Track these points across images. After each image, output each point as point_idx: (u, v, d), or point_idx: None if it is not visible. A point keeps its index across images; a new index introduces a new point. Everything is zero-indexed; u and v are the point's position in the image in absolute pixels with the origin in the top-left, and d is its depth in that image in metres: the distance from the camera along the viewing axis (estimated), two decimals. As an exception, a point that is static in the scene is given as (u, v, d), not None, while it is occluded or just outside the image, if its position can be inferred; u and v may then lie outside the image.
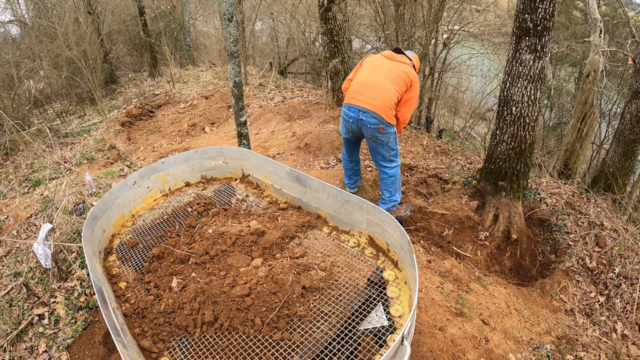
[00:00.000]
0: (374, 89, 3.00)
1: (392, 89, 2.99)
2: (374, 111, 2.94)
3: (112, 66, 9.80)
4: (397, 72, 3.04)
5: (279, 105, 6.82)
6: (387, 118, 2.98)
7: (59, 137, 6.87)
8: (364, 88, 3.04)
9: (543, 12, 2.97)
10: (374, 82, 3.03)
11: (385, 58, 3.15)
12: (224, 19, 3.46)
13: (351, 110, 3.05)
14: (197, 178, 3.24)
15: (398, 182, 3.35)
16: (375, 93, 2.98)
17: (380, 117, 2.95)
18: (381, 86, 3.00)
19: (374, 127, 2.99)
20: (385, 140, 3.09)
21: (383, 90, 2.99)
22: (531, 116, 3.33)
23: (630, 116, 4.86)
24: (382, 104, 2.96)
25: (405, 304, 1.94)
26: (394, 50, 3.23)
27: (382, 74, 3.05)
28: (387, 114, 2.98)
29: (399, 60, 3.11)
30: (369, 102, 2.97)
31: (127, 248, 2.54)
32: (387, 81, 3.01)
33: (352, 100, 3.06)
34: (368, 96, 2.99)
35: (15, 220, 3.67)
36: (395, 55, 3.16)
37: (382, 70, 3.06)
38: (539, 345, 2.55)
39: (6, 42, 9.03)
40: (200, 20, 13.72)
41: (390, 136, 3.08)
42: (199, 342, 1.87)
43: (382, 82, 3.02)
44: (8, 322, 2.60)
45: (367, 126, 3.00)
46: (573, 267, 3.17)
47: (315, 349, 1.79)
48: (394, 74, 3.04)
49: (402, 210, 3.54)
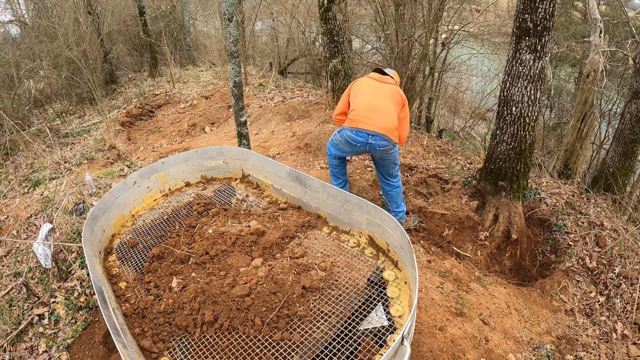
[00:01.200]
0: (379, 112, 3.06)
1: (394, 111, 3.08)
2: (384, 134, 3.00)
3: (112, 66, 9.80)
4: (393, 94, 3.14)
5: (279, 105, 6.82)
6: (394, 138, 3.06)
7: (59, 137, 6.87)
8: (371, 112, 3.07)
9: (543, 12, 2.97)
10: (378, 105, 3.09)
11: (376, 81, 3.23)
12: (224, 19, 3.46)
13: (359, 135, 3.05)
14: (197, 178, 3.24)
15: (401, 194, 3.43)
16: (383, 116, 3.05)
17: (389, 138, 3.02)
18: (386, 109, 3.07)
19: (383, 149, 3.06)
20: (393, 158, 3.18)
21: (389, 113, 3.06)
22: (531, 116, 3.33)
23: (630, 116, 4.86)
24: (389, 126, 3.02)
25: (405, 304, 1.94)
26: (376, 71, 3.33)
27: (383, 96, 3.13)
28: (394, 135, 3.05)
29: (388, 82, 3.21)
30: (377, 126, 3.01)
31: (127, 248, 2.54)
32: (389, 103, 3.09)
33: (360, 124, 3.05)
34: (376, 119, 3.02)
35: (15, 220, 3.67)
36: (382, 77, 3.26)
37: (382, 93, 3.14)
38: (539, 345, 2.55)
39: (6, 42, 9.03)
40: (200, 20, 13.72)
41: (396, 154, 3.18)
42: (199, 342, 1.87)
43: (386, 105, 3.09)
44: (8, 322, 2.60)
45: (377, 149, 3.05)
46: (573, 267, 3.17)
47: (315, 349, 1.79)
48: (391, 95, 3.13)
49: (410, 222, 3.59)
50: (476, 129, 8.74)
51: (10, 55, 7.54)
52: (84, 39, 7.78)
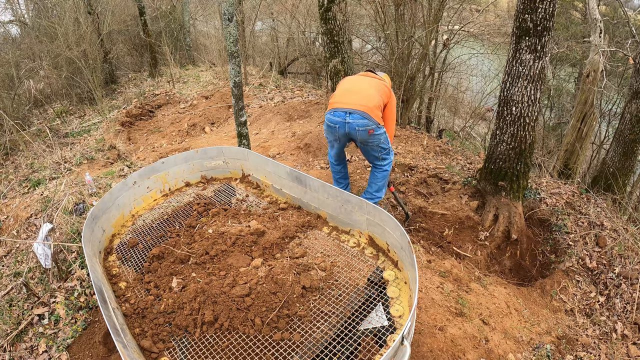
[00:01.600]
0: (358, 93, 3.00)
1: (376, 95, 3.01)
2: (363, 111, 2.87)
3: (112, 66, 9.80)
4: (377, 84, 3.11)
5: (279, 105, 6.82)
6: (375, 117, 2.90)
7: (59, 137, 6.87)
8: (348, 93, 3.03)
9: (543, 12, 2.98)
10: (357, 88, 3.05)
11: (362, 75, 3.24)
12: (224, 19, 3.46)
13: (336, 114, 2.95)
14: (197, 178, 3.24)
15: (387, 179, 3.30)
16: (361, 95, 2.98)
17: (368, 116, 2.88)
18: (366, 90, 3.03)
19: (363, 130, 2.89)
20: (376, 142, 3.01)
21: (368, 93, 3.00)
22: (531, 116, 3.33)
23: (630, 116, 4.86)
24: (369, 104, 2.92)
25: (405, 304, 1.94)
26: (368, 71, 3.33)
27: (364, 83, 3.11)
28: (376, 113, 2.91)
29: (375, 77, 3.20)
30: (355, 103, 2.91)
31: (127, 248, 2.54)
32: (371, 88, 3.05)
33: (337, 104, 2.99)
34: (354, 98, 2.95)
35: (15, 220, 3.67)
36: (372, 74, 3.26)
37: (364, 81, 3.14)
38: (539, 345, 2.55)
39: (6, 42, 9.03)
40: (200, 20, 13.72)
41: (380, 137, 3.00)
42: (199, 342, 1.87)
43: (366, 88, 3.05)
44: (8, 322, 2.60)
45: (356, 129, 2.90)
46: (573, 267, 3.17)
47: (315, 349, 1.79)
48: (375, 84, 3.11)
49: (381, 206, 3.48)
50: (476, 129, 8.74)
51: (10, 55, 7.54)
52: (84, 39, 7.78)
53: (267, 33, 11.80)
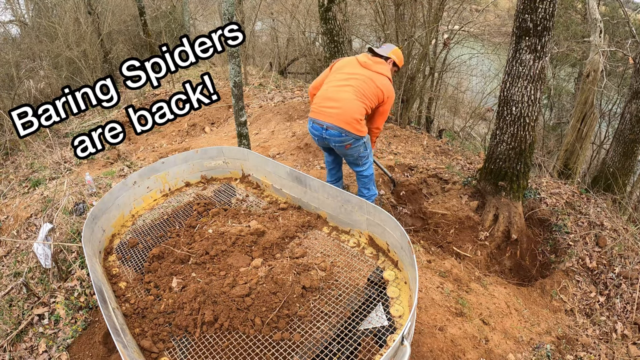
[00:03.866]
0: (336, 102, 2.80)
1: (358, 105, 2.79)
2: (339, 127, 2.77)
3: (112, 66, 9.80)
4: (368, 87, 2.80)
5: (279, 105, 6.82)
6: (354, 131, 2.79)
7: (59, 137, 6.87)
8: (326, 101, 2.85)
9: (543, 12, 2.98)
10: (336, 96, 2.82)
11: (359, 65, 2.89)
12: (224, 19, 3.46)
13: (314, 127, 2.90)
14: (197, 178, 3.24)
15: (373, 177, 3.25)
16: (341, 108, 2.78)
17: (346, 132, 2.78)
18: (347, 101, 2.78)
19: (340, 145, 2.86)
20: (355, 153, 2.95)
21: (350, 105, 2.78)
22: (531, 116, 3.33)
23: (630, 116, 4.86)
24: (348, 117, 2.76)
25: (405, 304, 1.94)
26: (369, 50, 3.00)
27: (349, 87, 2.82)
28: (354, 127, 2.78)
29: (374, 70, 2.85)
30: (332, 117, 2.79)
31: (127, 248, 2.54)
32: (352, 95, 2.78)
33: (315, 114, 2.89)
34: (331, 111, 2.81)
35: (15, 220, 3.67)
36: (370, 62, 2.88)
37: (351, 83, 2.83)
38: (539, 345, 2.55)
39: (6, 42, 9.03)
40: (200, 20, 13.71)
41: (359, 148, 2.92)
42: (199, 342, 1.87)
43: (347, 96, 2.79)
44: (8, 322, 2.60)
45: (333, 144, 2.88)
46: (573, 267, 3.17)
47: (315, 349, 1.79)
48: (365, 88, 2.80)
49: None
50: (476, 129, 8.74)
51: (10, 55, 7.54)
52: (84, 39, 7.78)
53: (267, 33, 11.80)
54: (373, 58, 2.94)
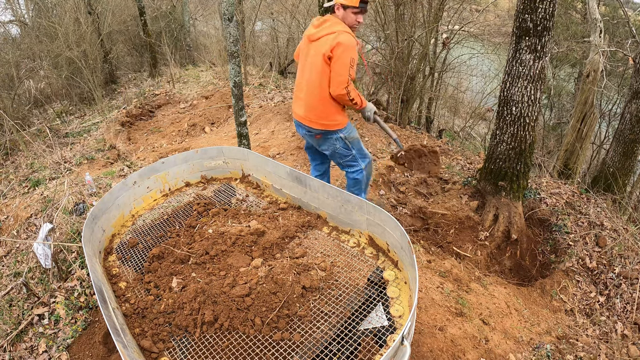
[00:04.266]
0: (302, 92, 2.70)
1: (319, 83, 2.56)
2: (304, 124, 2.75)
3: (112, 66, 9.80)
4: (318, 58, 2.53)
5: (279, 105, 6.82)
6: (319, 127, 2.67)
7: (59, 137, 6.87)
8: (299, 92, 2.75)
9: (543, 12, 2.98)
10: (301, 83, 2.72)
11: (307, 42, 2.64)
12: (224, 19, 3.46)
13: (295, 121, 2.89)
14: (197, 178, 3.24)
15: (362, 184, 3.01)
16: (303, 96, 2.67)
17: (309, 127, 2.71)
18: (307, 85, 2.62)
19: (310, 135, 2.81)
20: (331, 147, 2.79)
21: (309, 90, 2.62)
22: (531, 116, 3.33)
23: (630, 116, 4.86)
24: (308, 111, 2.66)
25: (405, 304, 1.94)
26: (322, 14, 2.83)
27: (305, 71, 2.65)
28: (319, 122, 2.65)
29: (318, 37, 2.54)
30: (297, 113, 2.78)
31: (127, 248, 2.54)
32: (311, 82, 2.60)
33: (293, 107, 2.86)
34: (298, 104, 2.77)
35: (15, 220, 3.67)
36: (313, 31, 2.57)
37: (308, 63, 2.63)
38: (539, 345, 2.55)
39: (6, 42, 9.03)
40: (200, 20, 13.72)
41: (335, 142, 2.74)
42: (199, 342, 1.87)
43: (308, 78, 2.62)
44: (8, 322, 2.60)
45: (304, 135, 2.85)
46: (573, 267, 3.17)
47: (315, 349, 1.79)
48: (316, 60, 2.54)
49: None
50: (476, 129, 8.74)
51: (10, 55, 7.54)
52: (84, 39, 7.78)
53: (267, 33, 11.81)
54: (318, 21, 2.62)
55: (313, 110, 2.63)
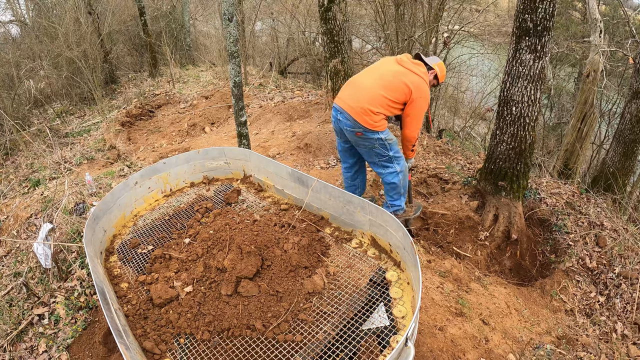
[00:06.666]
0: (356, 89, 2.77)
1: (377, 93, 2.70)
2: (348, 112, 2.73)
3: (112, 66, 9.80)
4: (395, 79, 2.72)
5: (279, 105, 6.82)
6: (362, 122, 2.70)
7: (59, 137, 6.87)
8: (348, 87, 2.84)
9: (543, 12, 2.98)
10: (360, 83, 2.78)
11: (394, 61, 2.85)
12: (224, 19, 3.46)
13: (334, 109, 2.88)
14: (199, 179, 3.24)
15: (400, 188, 3.05)
16: (359, 93, 2.73)
17: (353, 120, 2.71)
18: (365, 88, 2.73)
19: (351, 130, 2.79)
20: (369, 145, 2.82)
21: (365, 92, 2.71)
22: (531, 116, 3.33)
23: (630, 116, 4.87)
24: (357, 105, 2.70)
25: (408, 305, 1.94)
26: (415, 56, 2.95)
27: (375, 76, 2.78)
28: (363, 118, 2.69)
29: (407, 68, 2.76)
30: (345, 103, 2.77)
31: (128, 249, 2.54)
32: (374, 84, 2.73)
33: (337, 99, 2.87)
34: (348, 95, 2.79)
35: (15, 220, 3.67)
36: (407, 61, 2.81)
37: (378, 73, 2.79)
38: (539, 345, 2.55)
39: (6, 42, 9.02)
40: (200, 20, 13.72)
41: (373, 142, 2.79)
42: (201, 343, 1.87)
43: (369, 84, 2.74)
44: (8, 322, 2.60)
45: (345, 128, 2.82)
46: (573, 267, 3.17)
47: (318, 350, 1.79)
48: (391, 79, 2.72)
49: (411, 212, 3.32)
50: (476, 129, 8.74)
51: (11, 55, 7.53)
52: (85, 39, 7.78)
53: (267, 33, 11.81)
54: (413, 60, 2.86)
55: (368, 108, 2.69)
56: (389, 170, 2.96)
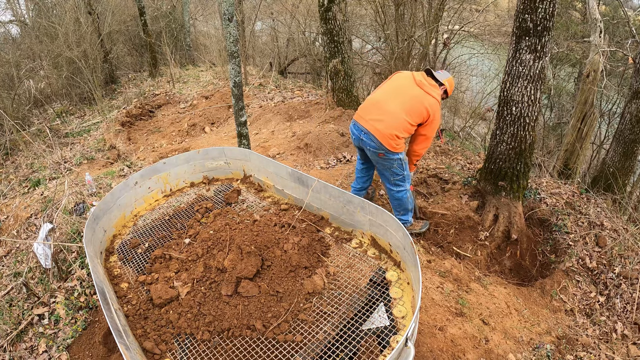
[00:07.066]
0: (382, 113, 2.87)
1: (402, 119, 2.82)
2: (375, 135, 2.83)
3: (112, 66, 9.80)
4: (416, 103, 2.85)
5: (279, 105, 6.82)
6: (387, 146, 2.83)
7: (59, 137, 6.87)
8: (373, 109, 2.92)
9: (543, 12, 2.98)
10: (385, 106, 2.89)
11: (414, 82, 2.95)
12: (224, 19, 3.46)
13: (355, 127, 2.99)
14: (199, 179, 3.24)
15: (407, 204, 3.21)
16: (382, 117, 2.84)
17: (379, 143, 2.84)
18: (391, 113, 2.83)
19: (374, 151, 2.91)
20: (388, 165, 2.97)
21: (392, 118, 2.82)
22: (531, 116, 3.33)
23: (630, 116, 4.86)
24: (385, 130, 2.81)
25: (408, 305, 1.94)
26: (427, 72, 3.06)
27: (398, 100, 2.87)
28: (389, 142, 2.82)
29: (425, 90, 2.90)
30: (372, 125, 2.85)
31: (128, 249, 2.54)
32: (399, 109, 2.84)
33: (359, 118, 2.96)
34: (373, 118, 2.87)
35: (15, 220, 3.67)
36: (424, 82, 2.94)
37: (401, 96, 2.89)
38: (539, 345, 2.55)
39: (6, 42, 9.02)
40: (200, 20, 13.72)
41: (393, 162, 2.94)
42: (201, 343, 1.87)
43: (394, 109, 2.84)
44: (8, 322, 2.60)
45: (367, 148, 2.94)
46: (573, 267, 3.17)
47: (318, 350, 1.79)
48: (413, 104, 2.85)
49: (417, 227, 3.48)
50: (476, 129, 8.73)
51: (11, 55, 7.54)
52: (85, 39, 7.78)
53: (267, 33, 11.81)
54: (428, 79, 3.00)
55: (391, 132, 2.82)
56: (399, 188, 3.13)
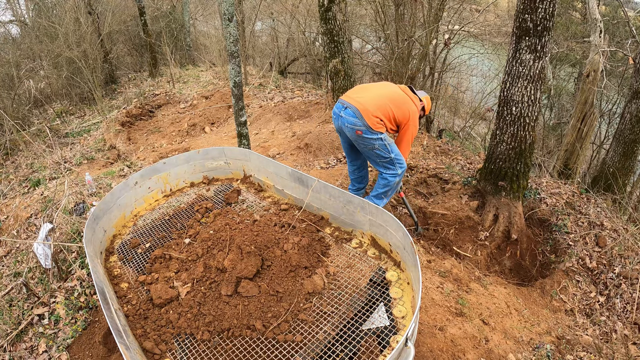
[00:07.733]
0: (368, 92, 2.89)
1: (386, 103, 2.85)
2: (356, 108, 2.78)
3: (112, 66, 9.80)
4: (400, 100, 2.93)
5: (279, 105, 6.82)
6: (367, 119, 2.77)
7: (59, 137, 6.87)
8: (360, 89, 2.96)
9: (543, 12, 2.98)
10: (372, 89, 2.93)
11: (398, 88, 3.05)
12: (224, 19, 3.46)
13: (337, 106, 2.95)
14: (199, 179, 3.24)
15: (389, 190, 3.15)
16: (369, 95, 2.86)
17: (360, 115, 2.76)
18: (378, 94, 2.87)
19: (351, 128, 2.83)
20: (369, 145, 2.88)
21: (377, 97, 2.85)
22: (531, 116, 3.33)
23: (630, 116, 4.86)
24: (367, 104, 2.79)
25: (408, 305, 1.94)
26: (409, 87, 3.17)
27: (386, 91, 2.94)
28: (369, 117, 2.77)
29: (409, 96, 3.00)
30: (355, 100, 2.83)
31: (128, 249, 2.54)
32: (385, 96, 2.89)
33: (343, 97, 2.96)
34: (358, 95, 2.88)
35: (15, 220, 3.67)
36: (408, 91, 3.06)
37: (387, 89, 2.97)
38: (539, 345, 2.55)
39: (6, 42, 9.02)
40: (200, 20, 13.72)
41: (373, 142, 2.86)
42: (201, 343, 1.87)
43: (381, 93, 2.89)
44: (8, 322, 2.60)
45: (345, 125, 2.86)
46: (573, 267, 3.17)
47: (318, 350, 1.79)
48: (397, 98, 2.92)
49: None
50: (476, 129, 8.73)
51: (11, 55, 7.54)
52: (85, 39, 7.78)
53: (267, 33, 11.80)
54: (409, 92, 3.09)
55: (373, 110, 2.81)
56: (389, 171, 3.07)
